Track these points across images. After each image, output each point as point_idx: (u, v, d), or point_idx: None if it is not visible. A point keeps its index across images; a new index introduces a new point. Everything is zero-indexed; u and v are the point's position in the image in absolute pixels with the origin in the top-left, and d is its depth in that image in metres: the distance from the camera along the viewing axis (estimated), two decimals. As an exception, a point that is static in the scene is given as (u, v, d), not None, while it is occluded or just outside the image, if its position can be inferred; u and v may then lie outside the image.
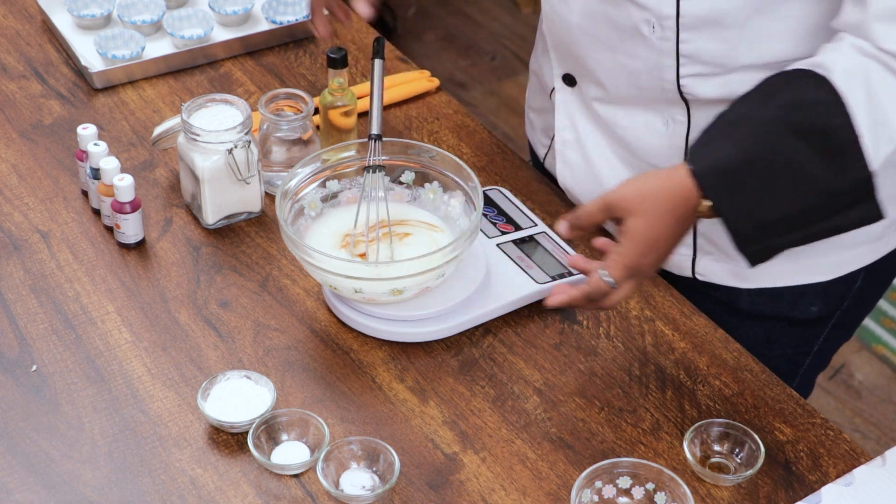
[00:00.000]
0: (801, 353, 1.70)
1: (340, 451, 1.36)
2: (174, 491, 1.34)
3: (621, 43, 1.50)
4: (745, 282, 1.61)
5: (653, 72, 1.49)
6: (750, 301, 1.62)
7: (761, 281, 1.61)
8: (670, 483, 1.32)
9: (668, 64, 1.48)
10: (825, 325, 1.67)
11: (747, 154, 1.34)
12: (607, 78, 1.55)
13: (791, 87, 1.35)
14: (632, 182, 1.39)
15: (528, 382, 1.47)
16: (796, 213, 1.35)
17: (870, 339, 2.92)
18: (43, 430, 1.39)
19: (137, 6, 1.96)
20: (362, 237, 1.52)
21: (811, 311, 1.63)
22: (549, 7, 1.58)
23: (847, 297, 1.64)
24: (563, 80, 1.63)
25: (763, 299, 1.62)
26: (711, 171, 1.35)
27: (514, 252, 1.60)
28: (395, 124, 1.84)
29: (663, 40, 1.46)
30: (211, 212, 1.63)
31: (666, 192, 1.36)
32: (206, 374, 1.46)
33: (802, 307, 1.63)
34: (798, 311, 1.63)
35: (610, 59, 1.52)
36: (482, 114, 3.56)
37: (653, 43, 1.47)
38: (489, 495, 1.35)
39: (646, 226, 1.36)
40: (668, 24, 1.44)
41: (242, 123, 1.59)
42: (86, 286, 1.56)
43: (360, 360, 1.49)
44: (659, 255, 1.38)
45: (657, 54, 1.48)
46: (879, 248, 1.62)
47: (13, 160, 1.74)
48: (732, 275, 1.61)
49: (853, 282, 1.63)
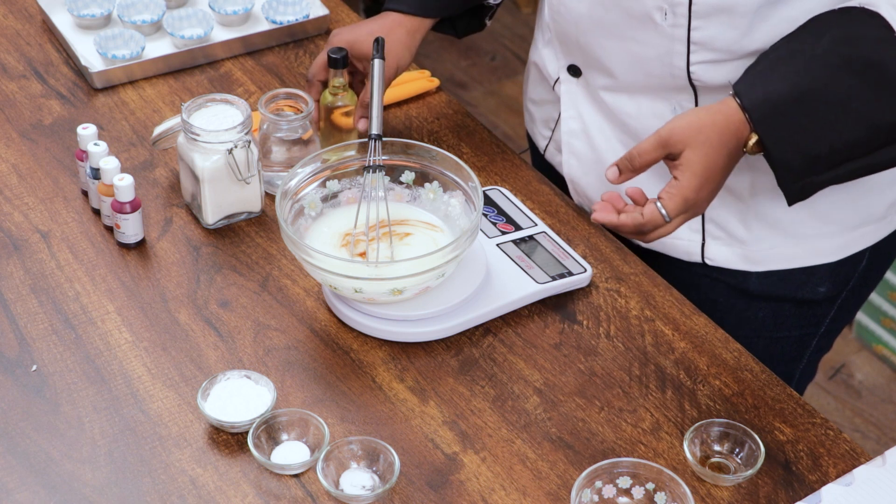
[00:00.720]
0: (808, 335, 1.72)
1: (340, 451, 1.36)
2: (174, 491, 1.34)
3: (632, 31, 1.51)
4: (754, 265, 1.62)
5: (663, 59, 1.50)
6: (759, 284, 1.64)
7: (770, 264, 1.62)
8: (670, 483, 1.32)
9: (678, 51, 1.49)
10: (832, 305, 1.69)
11: (797, 87, 1.37)
12: (616, 66, 1.56)
13: (842, 22, 1.38)
14: (683, 116, 1.41)
15: (528, 382, 1.47)
16: (843, 147, 1.38)
17: (870, 339, 2.92)
18: (43, 430, 1.39)
19: (137, 6, 1.96)
20: (362, 237, 1.52)
21: (819, 291, 1.65)
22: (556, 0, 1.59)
23: (853, 277, 1.67)
24: (568, 71, 1.64)
25: (772, 281, 1.63)
26: (762, 104, 1.37)
27: (514, 252, 1.60)
28: (395, 124, 1.84)
29: (675, 27, 1.47)
30: (211, 212, 1.63)
31: (720, 124, 1.38)
32: (206, 373, 1.46)
33: (810, 288, 1.65)
34: (806, 291, 1.65)
35: (620, 48, 1.53)
36: (482, 114, 3.56)
37: (664, 30, 1.48)
38: (489, 495, 1.35)
39: (703, 157, 1.38)
40: (680, 10, 1.46)
41: (242, 123, 1.59)
42: (86, 286, 1.56)
43: (360, 360, 1.49)
44: (713, 188, 1.40)
45: (668, 41, 1.49)
46: (883, 228, 1.64)
47: (13, 160, 1.74)
48: (742, 259, 1.62)
49: (859, 262, 1.65)
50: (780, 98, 1.38)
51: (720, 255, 1.63)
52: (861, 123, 1.38)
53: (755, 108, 1.38)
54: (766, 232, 1.59)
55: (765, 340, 1.66)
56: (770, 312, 1.66)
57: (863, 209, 1.60)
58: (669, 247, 1.64)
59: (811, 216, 1.58)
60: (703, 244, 1.63)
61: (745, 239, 1.60)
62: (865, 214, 1.60)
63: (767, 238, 1.60)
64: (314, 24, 1.98)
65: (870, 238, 1.63)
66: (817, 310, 1.69)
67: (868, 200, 1.59)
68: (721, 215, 1.59)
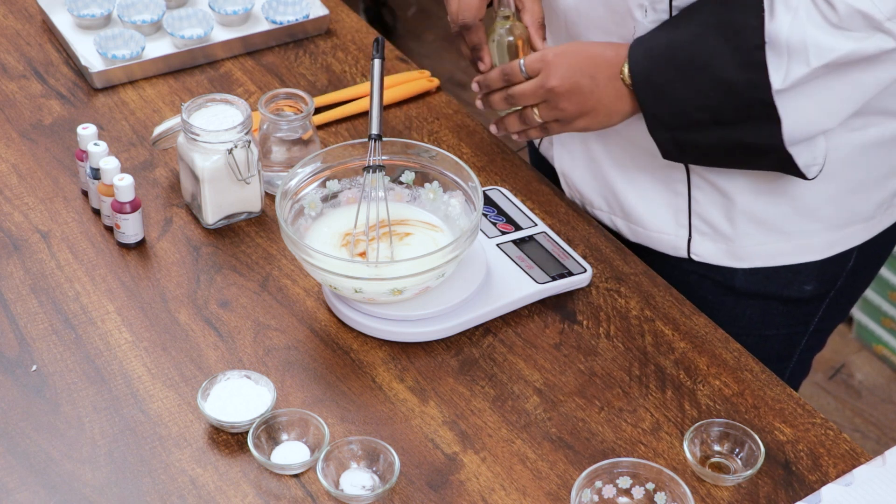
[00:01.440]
0: (797, 333, 1.72)
1: (340, 451, 1.36)
2: (174, 491, 1.34)
3: (615, 26, 1.53)
4: (740, 261, 1.63)
5: None
6: (745, 281, 1.64)
7: (756, 261, 1.62)
8: (670, 483, 1.32)
9: None
10: (820, 304, 1.69)
11: (671, 38, 1.46)
12: None
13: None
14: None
15: (528, 382, 1.47)
16: (704, 106, 1.46)
17: (870, 339, 2.92)
18: (43, 430, 1.39)
19: (137, 6, 1.96)
20: (362, 237, 1.52)
21: (805, 290, 1.65)
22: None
23: (841, 277, 1.67)
24: None
25: (758, 279, 1.64)
26: (640, 51, 1.48)
27: (514, 252, 1.60)
28: (395, 124, 1.84)
29: (656, 23, 1.48)
30: (211, 212, 1.63)
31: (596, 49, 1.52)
32: (206, 373, 1.46)
33: (797, 286, 1.65)
34: (793, 290, 1.65)
35: (605, 41, 1.54)
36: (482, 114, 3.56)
37: (645, 27, 1.49)
38: (489, 495, 1.35)
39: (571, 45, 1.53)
40: (660, 6, 1.47)
41: (242, 123, 1.59)
42: (86, 286, 1.56)
43: (360, 360, 1.49)
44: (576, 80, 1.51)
45: None
46: (871, 228, 1.64)
47: (13, 160, 1.74)
48: (728, 255, 1.63)
49: (846, 261, 1.65)
50: (655, 45, 1.46)
51: (706, 251, 1.63)
52: (718, 85, 1.43)
53: (634, 53, 1.48)
54: (752, 228, 1.60)
55: (753, 338, 1.66)
56: (758, 311, 1.67)
57: (849, 208, 1.60)
58: (656, 241, 1.65)
59: (796, 213, 1.58)
60: (690, 239, 1.63)
61: (731, 235, 1.60)
62: (852, 213, 1.60)
63: (753, 234, 1.60)
64: (314, 24, 1.98)
65: (857, 237, 1.63)
66: (805, 308, 1.69)
67: (855, 199, 1.59)
68: (707, 210, 1.60)
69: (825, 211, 1.59)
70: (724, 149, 1.49)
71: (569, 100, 1.52)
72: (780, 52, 1.40)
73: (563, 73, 1.51)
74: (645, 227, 1.65)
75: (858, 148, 1.54)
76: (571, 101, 1.52)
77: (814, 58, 1.39)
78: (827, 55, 1.39)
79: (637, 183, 1.62)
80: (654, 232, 1.64)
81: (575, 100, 1.52)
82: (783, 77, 1.41)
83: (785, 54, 1.40)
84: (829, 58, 1.39)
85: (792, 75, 1.41)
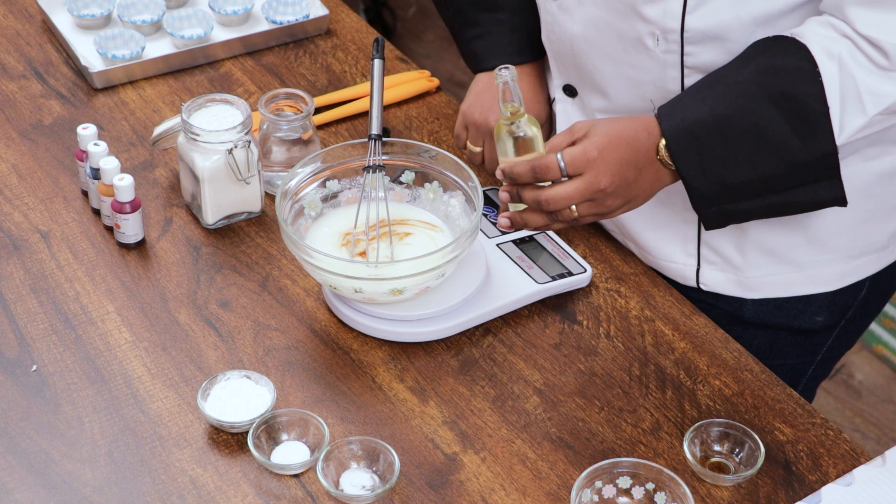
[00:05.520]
0: (804, 363, 1.70)
1: (340, 451, 1.36)
2: (174, 491, 1.34)
3: (625, 54, 1.49)
4: (749, 292, 1.60)
5: (657, 83, 1.48)
6: (755, 311, 1.62)
7: (766, 291, 1.60)
8: (670, 483, 1.32)
9: (672, 76, 1.47)
10: (829, 335, 1.67)
11: (715, 113, 1.38)
12: (611, 88, 1.53)
13: (769, 51, 1.38)
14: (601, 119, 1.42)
15: (528, 382, 1.47)
16: (758, 178, 1.38)
17: (870, 339, 2.92)
18: (43, 430, 1.40)
19: (137, 6, 1.96)
20: (362, 237, 1.52)
21: (816, 321, 1.63)
22: (549, 18, 1.57)
23: (852, 307, 1.64)
24: (563, 91, 1.63)
25: (768, 309, 1.61)
26: (678, 126, 1.38)
27: (514, 252, 1.60)
28: (395, 124, 1.84)
29: (668, 53, 1.45)
30: (211, 212, 1.63)
31: (630, 133, 1.39)
32: (206, 374, 1.46)
33: (808, 317, 1.62)
34: (803, 320, 1.62)
35: (613, 70, 1.51)
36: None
37: (657, 55, 1.46)
38: (489, 495, 1.35)
39: (608, 132, 1.38)
40: (672, 37, 1.44)
41: (242, 123, 1.59)
42: (86, 286, 1.56)
43: (360, 360, 1.49)
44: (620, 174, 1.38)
45: (661, 66, 1.46)
46: (885, 258, 1.61)
47: (13, 160, 1.74)
48: (737, 285, 1.60)
49: (858, 291, 1.62)
50: (696, 121, 1.38)
51: (715, 281, 1.61)
52: (777, 156, 1.37)
53: (671, 130, 1.38)
54: (763, 258, 1.57)
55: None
56: (766, 340, 1.64)
57: (863, 238, 1.57)
58: (664, 269, 1.63)
59: (808, 244, 1.55)
60: (699, 269, 1.61)
61: (741, 265, 1.58)
62: (866, 243, 1.57)
63: (763, 265, 1.57)
64: (314, 24, 1.98)
65: (870, 267, 1.61)
66: (814, 339, 1.66)
67: (869, 229, 1.56)
68: (717, 240, 1.57)
69: (838, 241, 1.56)
70: (776, 210, 1.44)
71: (615, 196, 1.40)
72: (841, 108, 1.35)
73: (613, 170, 1.38)
74: (653, 255, 1.62)
75: (873, 177, 1.52)
76: (618, 196, 1.40)
77: (870, 106, 1.35)
78: (884, 101, 1.34)
79: (646, 212, 1.59)
80: (662, 260, 1.62)
81: (621, 193, 1.40)
82: (839, 129, 1.36)
83: (838, 105, 1.35)
84: (886, 104, 1.34)
85: (849, 127, 1.36)
